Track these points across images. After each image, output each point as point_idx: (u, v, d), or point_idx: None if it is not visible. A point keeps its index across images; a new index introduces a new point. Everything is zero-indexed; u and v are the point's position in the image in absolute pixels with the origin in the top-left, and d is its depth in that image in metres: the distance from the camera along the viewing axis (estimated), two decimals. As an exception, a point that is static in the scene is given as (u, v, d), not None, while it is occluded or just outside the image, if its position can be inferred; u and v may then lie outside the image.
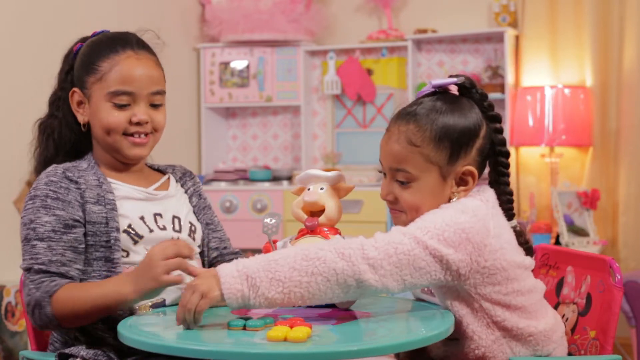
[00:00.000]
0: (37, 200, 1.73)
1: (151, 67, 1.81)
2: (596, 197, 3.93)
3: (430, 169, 1.60)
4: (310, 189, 1.70)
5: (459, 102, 1.64)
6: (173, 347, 1.39)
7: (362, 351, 1.35)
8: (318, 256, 1.46)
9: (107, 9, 4.03)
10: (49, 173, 1.77)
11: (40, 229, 1.71)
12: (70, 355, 1.68)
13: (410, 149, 1.60)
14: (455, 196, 1.61)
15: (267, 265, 1.46)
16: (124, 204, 1.78)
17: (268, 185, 4.43)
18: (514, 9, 4.25)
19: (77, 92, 1.82)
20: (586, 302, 1.75)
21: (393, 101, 4.50)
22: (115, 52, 1.78)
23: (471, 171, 1.62)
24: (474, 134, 1.62)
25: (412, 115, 1.62)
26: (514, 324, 1.59)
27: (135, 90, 1.78)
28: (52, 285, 1.65)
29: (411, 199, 1.61)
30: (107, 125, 1.78)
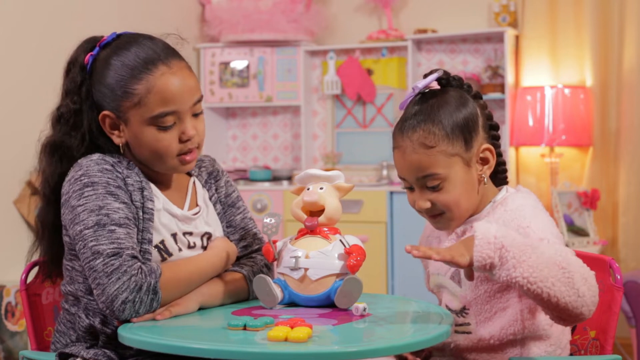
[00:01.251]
0: (98, 187, 1.64)
1: (186, 76, 1.70)
2: (596, 197, 3.93)
3: (454, 162, 1.63)
4: (309, 188, 1.70)
5: (447, 94, 1.66)
6: (173, 346, 1.39)
7: (363, 352, 1.35)
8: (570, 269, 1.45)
9: (107, 9, 4.03)
10: (99, 161, 1.68)
11: (114, 215, 1.62)
12: (70, 355, 1.67)
13: (429, 153, 1.62)
14: (484, 176, 1.65)
15: (525, 247, 1.45)
16: (161, 217, 1.72)
17: (268, 185, 4.43)
18: (514, 9, 4.25)
19: (109, 115, 1.70)
20: (587, 302, 1.75)
21: (393, 101, 4.50)
22: (148, 71, 1.66)
23: (488, 147, 1.66)
24: (474, 116, 1.66)
25: (415, 122, 1.64)
26: (539, 324, 1.62)
27: (178, 108, 1.67)
28: (156, 268, 1.61)
29: (449, 198, 1.63)
30: (157, 151, 1.68)
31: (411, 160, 1.63)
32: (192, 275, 1.67)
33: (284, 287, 1.65)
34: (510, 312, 1.62)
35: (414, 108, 1.65)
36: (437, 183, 1.62)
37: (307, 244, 1.66)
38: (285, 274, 1.66)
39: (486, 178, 1.66)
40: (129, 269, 1.57)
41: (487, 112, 1.70)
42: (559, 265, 1.45)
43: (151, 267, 1.61)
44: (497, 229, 1.46)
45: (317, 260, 1.63)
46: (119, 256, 1.58)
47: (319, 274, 1.62)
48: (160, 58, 1.69)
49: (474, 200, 1.66)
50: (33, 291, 1.89)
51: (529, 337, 1.62)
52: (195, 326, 1.63)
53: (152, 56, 1.69)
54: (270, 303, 1.64)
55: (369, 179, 4.51)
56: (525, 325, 1.61)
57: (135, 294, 1.57)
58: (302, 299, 1.64)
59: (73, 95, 1.74)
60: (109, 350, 1.67)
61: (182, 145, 1.70)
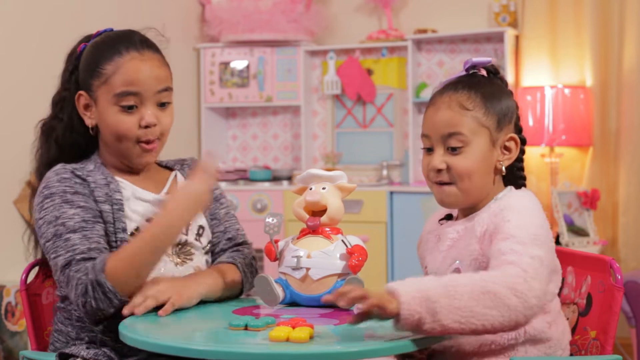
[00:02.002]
0: (55, 198, 1.70)
1: (156, 66, 1.78)
2: (596, 197, 3.93)
3: (482, 133, 1.64)
4: (312, 188, 1.70)
5: (496, 82, 1.71)
6: (174, 347, 1.39)
7: (364, 352, 1.35)
8: (494, 290, 1.44)
9: (107, 9, 4.03)
10: (59, 171, 1.75)
11: (69, 222, 1.68)
12: (70, 355, 1.68)
13: (463, 113, 1.64)
14: (502, 165, 1.66)
15: (446, 291, 1.42)
16: (132, 205, 1.77)
17: (268, 185, 4.43)
18: (514, 9, 4.25)
19: (84, 95, 1.79)
20: (586, 302, 1.75)
21: (393, 101, 4.50)
22: (119, 54, 1.75)
23: (514, 138, 1.68)
24: (513, 108, 1.69)
25: (459, 85, 1.67)
26: (538, 328, 1.61)
27: (141, 90, 1.74)
28: (99, 263, 1.63)
29: (465, 165, 1.63)
30: (117, 132, 1.75)
31: (443, 115, 1.65)
32: (137, 248, 1.64)
33: (286, 287, 1.65)
34: None
35: (460, 78, 1.70)
36: (459, 144, 1.63)
37: (309, 243, 1.66)
38: (287, 274, 1.66)
39: (503, 167, 1.67)
40: (77, 274, 1.63)
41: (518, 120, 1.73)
42: (481, 291, 1.43)
43: (93, 263, 1.63)
44: (414, 282, 1.44)
45: (319, 260, 1.63)
46: (70, 265, 1.65)
47: (321, 274, 1.62)
48: (134, 45, 1.77)
49: (486, 183, 1.66)
50: (33, 291, 1.89)
51: (529, 341, 1.62)
52: (196, 326, 1.63)
53: (126, 43, 1.77)
54: (271, 302, 1.64)
55: (369, 179, 4.51)
56: (526, 329, 1.60)
57: (86, 296, 1.62)
58: (303, 299, 1.64)
59: (65, 83, 1.84)
60: (110, 350, 1.68)
61: (141, 131, 1.76)
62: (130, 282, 1.64)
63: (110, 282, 1.61)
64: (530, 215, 1.59)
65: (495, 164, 1.66)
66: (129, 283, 1.63)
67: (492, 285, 1.44)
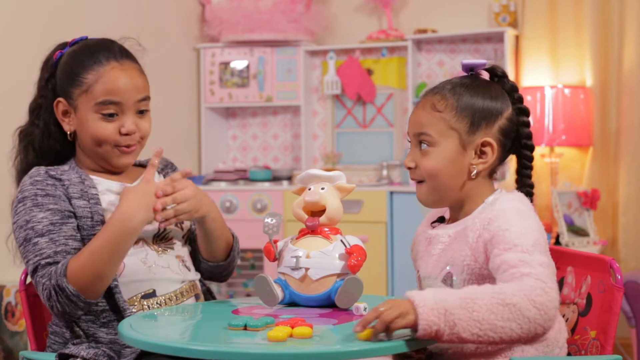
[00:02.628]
0: (27, 201, 1.75)
1: (135, 76, 1.83)
2: (596, 197, 3.93)
3: (451, 135, 1.65)
4: (311, 188, 1.70)
5: (488, 85, 1.70)
6: (174, 347, 1.38)
7: (363, 352, 1.35)
8: (513, 302, 1.45)
9: (107, 9, 4.03)
10: (32, 174, 1.79)
11: (38, 226, 1.72)
12: (70, 355, 1.68)
13: (432, 114, 1.66)
14: (474, 168, 1.66)
15: (465, 303, 1.43)
16: (107, 198, 1.80)
17: (268, 185, 4.42)
18: (514, 9, 4.25)
19: (62, 102, 1.83)
20: (586, 302, 1.75)
21: (393, 101, 4.50)
22: (100, 64, 1.80)
23: (490, 142, 1.66)
24: (496, 112, 1.68)
25: (439, 87, 1.70)
26: None
27: (122, 100, 1.80)
28: (60, 266, 1.67)
29: (430, 164, 1.65)
30: (97, 137, 1.80)
31: (417, 114, 1.69)
32: (94, 251, 1.67)
33: (285, 287, 1.65)
34: None
35: (450, 80, 1.72)
36: (426, 144, 1.66)
37: (308, 243, 1.65)
38: (286, 274, 1.65)
39: (475, 172, 1.65)
40: (42, 279, 1.68)
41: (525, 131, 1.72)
42: (501, 304, 1.44)
43: (56, 268, 1.67)
44: (433, 293, 1.44)
45: (318, 260, 1.63)
46: (37, 271, 1.69)
47: (320, 274, 1.62)
48: (113, 55, 1.83)
49: (456, 184, 1.66)
50: (33, 291, 1.89)
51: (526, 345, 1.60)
52: (195, 326, 1.63)
53: (106, 52, 1.83)
54: (271, 302, 1.64)
55: (369, 179, 4.51)
56: None
57: (51, 301, 1.67)
58: (302, 299, 1.64)
59: (41, 90, 1.88)
60: (109, 350, 1.68)
61: (121, 138, 1.81)
62: (93, 283, 1.67)
63: (72, 285, 1.65)
64: (527, 220, 1.59)
65: (467, 167, 1.66)
66: (91, 284, 1.67)
67: (511, 297, 1.45)
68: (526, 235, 1.55)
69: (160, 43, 4.33)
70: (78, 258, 1.68)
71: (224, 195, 4.37)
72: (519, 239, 1.55)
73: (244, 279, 4.37)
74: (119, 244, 1.69)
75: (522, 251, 1.53)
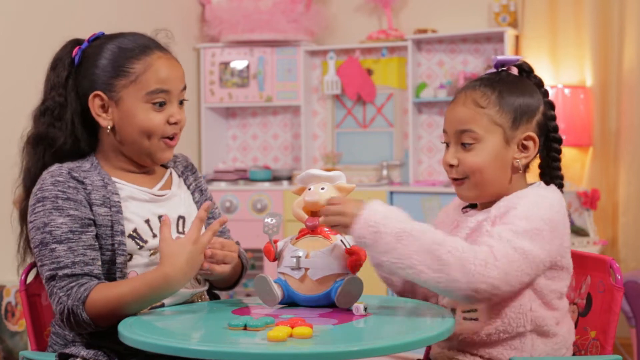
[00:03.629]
0: (47, 202, 1.70)
1: (178, 65, 1.84)
2: (596, 197, 3.93)
3: (495, 131, 1.66)
4: (311, 188, 1.70)
5: (522, 81, 1.73)
6: (174, 347, 1.38)
7: (363, 351, 1.35)
8: (444, 258, 1.51)
9: (107, 9, 4.03)
10: (54, 173, 1.74)
11: (56, 232, 1.68)
12: (70, 355, 1.68)
13: (476, 110, 1.67)
14: (518, 163, 1.67)
15: (402, 234, 1.52)
16: (129, 206, 1.77)
17: (268, 185, 4.42)
18: (514, 9, 4.25)
19: (100, 95, 1.77)
20: (586, 302, 1.75)
21: (393, 101, 4.50)
22: (146, 54, 1.78)
23: (532, 137, 1.68)
24: (534, 107, 1.70)
25: (478, 83, 1.71)
26: (546, 319, 1.63)
27: (170, 88, 1.78)
28: (82, 291, 1.64)
29: (474, 160, 1.67)
30: (148, 128, 1.77)
31: (458, 111, 1.69)
32: (124, 296, 1.64)
33: (285, 287, 1.65)
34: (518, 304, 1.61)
35: (485, 76, 1.73)
36: (471, 141, 1.67)
37: (307, 244, 1.65)
38: (286, 274, 1.65)
39: (520, 165, 1.67)
40: (59, 292, 1.66)
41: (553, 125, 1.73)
42: (433, 254, 1.51)
43: (78, 288, 1.64)
44: (384, 212, 1.54)
45: (318, 260, 1.63)
46: (53, 279, 1.67)
47: (320, 274, 1.62)
48: (156, 46, 1.82)
49: (501, 179, 1.68)
50: (33, 291, 1.89)
51: (536, 331, 1.63)
52: (195, 326, 1.63)
53: (148, 43, 1.82)
54: (270, 302, 1.64)
55: (369, 179, 4.51)
56: (532, 318, 1.62)
57: (62, 316, 1.66)
58: (302, 299, 1.64)
59: (59, 89, 1.81)
60: (109, 350, 1.68)
61: (168, 127, 1.79)
62: (107, 319, 1.65)
63: (88, 314, 1.64)
64: (541, 209, 1.60)
65: (511, 162, 1.68)
66: (105, 319, 1.65)
67: (447, 253, 1.51)
68: (528, 219, 1.58)
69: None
70: (103, 292, 1.64)
71: (224, 195, 4.37)
72: (518, 219, 1.58)
73: (243, 279, 4.36)
74: (147, 302, 1.67)
75: (509, 230, 1.56)
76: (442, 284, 1.51)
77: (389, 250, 1.53)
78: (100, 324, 1.65)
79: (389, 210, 1.56)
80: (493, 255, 1.52)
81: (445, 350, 1.69)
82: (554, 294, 1.64)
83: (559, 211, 1.64)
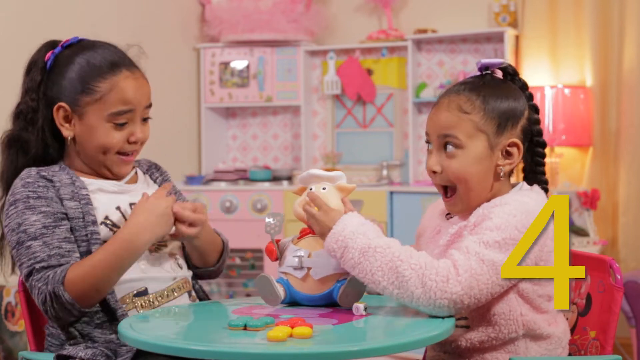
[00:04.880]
0: (19, 204, 1.74)
1: (144, 84, 1.84)
2: (596, 197, 3.92)
3: (479, 137, 1.62)
4: (312, 188, 1.70)
5: (506, 84, 1.68)
6: (173, 347, 1.38)
7: (363, 351, 1.35)
8: (405, 275, 1.50)
9: (107, 9, 4.03)
10: (23, 176, 1.78)
11: (31, 229, 1.71)
12: (68, 356, 1.68)
13: (460, 116, 1.63)
14: (501, 169, 1.63)
15: (364, 249, 1.53)
16: (98, 197, 1.80)
17: (268, 185, 4.42)
18: (514, 9, 4.25)
19: (65, 107, 1.80)
20: (586, 302, 1.74)
21: (393, 101, 4.50)
22: (113, 73, 1.79)
23: (517, 143, 1.64)
24: (519, 112, 1.65)
25: (462, 87, 1.66)
26: (538, 323, 1.61)
27: (135, 107, 1.80)
28: (59, 273, 1.66)
29: (458, 168, 1.63)
30: (105, 146, 1.80)
31: (441, 116, 1.65)
32: (98, 262, 1.67)
33: (287, 286, 1.65)
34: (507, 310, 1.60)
35: (469, 79, 1.69)
36: (454, 147, 1.62)
37: (309, 243, 1.66)
38: (288, 273, 1.65)
39: (503, 173, 1.64)
40: (37, 283, 1.68)
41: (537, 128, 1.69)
42: (396, 270, 1.51)
43: (54, 274, 1.66)
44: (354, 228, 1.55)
45: (320, 260, 1.63)
46: (32, 275, 1.69)
47: (322, 274, 1.62)
48: (125, 64, 1.82)
49: (484, 187, 1.64)
50: (32, 291, 1.89)
51: (529, 335, 1.62)
52: (195, 326, 1.63)
53: (118, 61, 1.82)
54: (273, 302, 1.64)
55: (369, 179, 4.51)
56: (523, 323, 1.60)
57: (45, 305, 1.67)
58: (304, 298, 1.64)
59: (32, 93, 1.84)
60: (107, 350, 1.68)
61: (127, 146, 1.82)
62: (90, 295, 1.67)
63: (69, 293, 1.65)
64: (517, 215, 1.55)
65: (494, 169, 1.64)
66: (88, 295, 1.67)
67: (408, 269, 1.50)
68: (500, 229, 1.53)
69: (160, 43, 4.33)
70: (78, 268, 1.67)
71: (224, 195, 4.37)
72: (489, 230, 1.53)
73: (244, 279, 4.36)
74: (122, 261, 1.69)
75: (480, 240, 1.53)
76: (405, 299, 1.51)
77: (355, 265, 1.53)
78: (83, 303, 1.67)
79: (360, 225, 1.56)
80: (456, 270, 1.50)
81: (441, 354, 1.69)
82: (542, 298, 1.61)
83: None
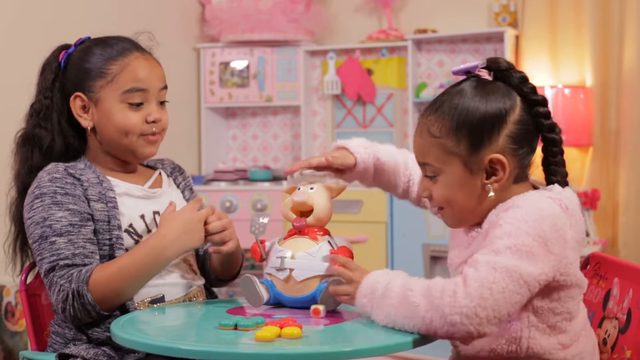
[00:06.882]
0: (45, 198, 1.72)
1: (156, 65, 1.86)
2: (596, 197, 3.92)
3: (452, 161, 1.50)
4: (300, 188, 1.70)
5: (486, 87, 1.52)
6: (164, 347, 1.39)
7: (354, 352, 1.35)
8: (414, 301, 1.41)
9: (107, 9, 4.03)
10: (50, 170, 1.76)
11: (56, 225, 1.70)
12: (70, 355, 1.68)
13: (430, 141, 1.52)
14: (489, 188, 1.50)
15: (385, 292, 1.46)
16: (125, 202, 1.80)
17: (268, 185, 4.43)
18: (514, 9, 4.25)
19: (81, 96, 1.81)
20: (626, 318, 1.60)
21: (393, 101, 4.50)
22: (124, 55, 1.81)
23: (499, 159, 1.48)
24: (498, 120, 1.48)
25: (434, 105, 1.54)
26: (545, 346, 1.50)
27: (147, 87, 1.81)
28: (84, 273, 1.66)
29: (441, 193, 1.52)
30: (124, 127, 1.80)
31: (416, 142, 1.56)
32: (124, 267, 1.68)
33: (271, 288, 1.64)
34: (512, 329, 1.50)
35: (450, 88, 1.55)
36: (432, 174, 1.54)
37: (294, 244, 1.65)
38: (272, 274, 1.64)
39: (492, 192, 1.50)
40: (60, 280, 1.67)
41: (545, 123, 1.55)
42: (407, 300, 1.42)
43: (79, 273, 1.67)
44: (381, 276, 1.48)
45: (303, 261, 1.61)
46: (54, 270, 1.68)
47: (304, 275, 1.60)
48: (135, 47, 1.85)
49: (474, 205, 1.52)
50: (33, 291, 1.90)
51: (533, 358, 1.50)
52: (187, 325, 1.63)
53: (128, 45, 1.85)
54: (256, 303, 1.63)
55: (369, 179, 4.51)
56: (529, 345, 1.49)
57: (66, 303, 1.66)
58: (287, 300, 1.63)
59: (46, 92, 1.85)
60: (109, 350, 1.68)
61: (146, 126, 1.82)
62: (112, 299, 1.68)
63: (92, 294, 1.65)
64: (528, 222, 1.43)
65: (480, 189, 1.51)
66: (110, 299, 1.68)
67: (415, 296, 1.42)
68: (510, 235, 1.42)
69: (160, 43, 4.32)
70: (104, 270, 1.67)
71: (224, 195, 4.38)
72: (498, 238, 1.42)
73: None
74: (149, 269, 1.70)
75: (490, 251, 1.42)
76: (422, 329, 1.41)
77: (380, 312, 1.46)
78: (104, 306, 1.67)
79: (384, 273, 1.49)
80: (463, 283, 1.39)
81: None
82: (561, 316, 1.49)
83: (555, 224, 1.44)
